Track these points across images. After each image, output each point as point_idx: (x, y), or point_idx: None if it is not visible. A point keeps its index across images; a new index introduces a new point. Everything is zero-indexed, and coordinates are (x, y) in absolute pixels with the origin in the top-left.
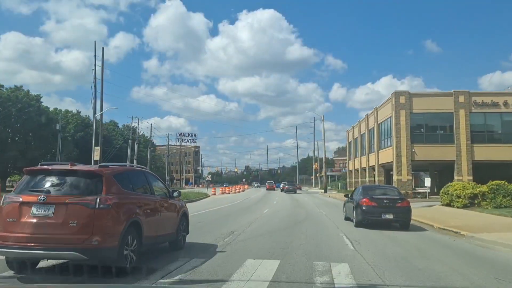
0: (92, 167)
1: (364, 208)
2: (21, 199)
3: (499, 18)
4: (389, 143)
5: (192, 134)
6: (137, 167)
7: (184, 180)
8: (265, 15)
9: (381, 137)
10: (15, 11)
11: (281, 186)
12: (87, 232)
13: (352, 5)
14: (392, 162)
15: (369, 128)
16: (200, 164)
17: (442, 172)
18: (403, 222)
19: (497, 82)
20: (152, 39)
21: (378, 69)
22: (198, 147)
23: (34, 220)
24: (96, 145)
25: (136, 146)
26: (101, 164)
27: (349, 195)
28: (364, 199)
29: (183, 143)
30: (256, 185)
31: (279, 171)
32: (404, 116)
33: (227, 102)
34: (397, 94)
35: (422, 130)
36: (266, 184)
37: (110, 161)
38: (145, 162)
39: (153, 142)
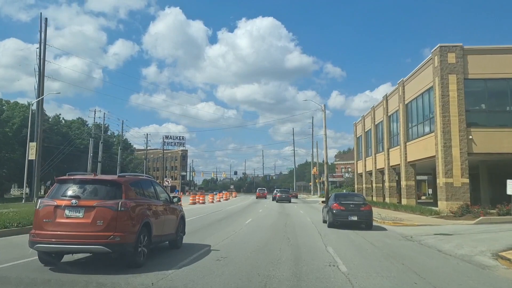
0: (112, 177)
1: (334, 211)
2: (55, 203)
3: (497, 28)
4: (426, 129)
5: (179, 137)
6: (146, 177)
7: (169, 188)
8: (264, 23)
9: (411, 122)
10: (14, 18)
11: (273, 193)
12: (111, 230)
13: (352, 14)
14: (434, 157)
15: (389, 113)
16: (188, 170)
17: (496, 175)
18: (366, 222)
19: None
20: (151, 46)
21: (376, 77)
22: (186, 151)
23: (67, 220)
24: (34, 139)
25: (101, 146)
26: (119, 174)
27: (326, 202)
28: (334, 204)
29: (169, 147)
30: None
31: (273, 177)
32: (456, 83)
33: (226, 109)
34: (444, 50)
35: (482, 105)
36: (257, 191)
37: (64, 161)
38: (123, 166)
39: (130, 143)
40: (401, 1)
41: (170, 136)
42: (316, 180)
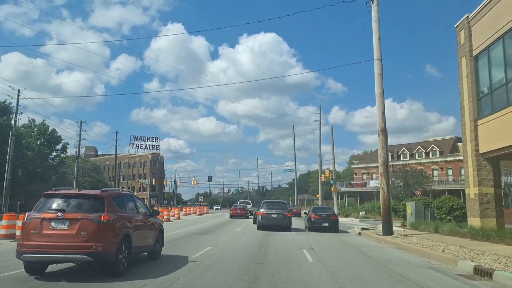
0: (95, 192)
1: (312, 220)
2: (42, 216)
3: None
4: None
5: (152, 138)
6: (127, 191)
7: None
8: (266, 38)
9: None
10: (17, 33)
11: (260, 210)
12: (94, 240)
13: (353, 30)
14: None
15: None
16: (158, 177)
17: None
18: (333, 227)
19: None
20: (153, 61)
21: None
22: (158, 154)
23: (53, 232)
24: None
25: None
26: (102, 189)
27: (307, 213)
28: (312, 214)
29: (139, 150)
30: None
31: (267, 188)
32: None
33: (227, 124)
34: None
35: None
36: (232, 207)
37: None
38: (43, 167)
39: (60, 136)
40: (402, 17)
41: (140, 137)
42: (332, 189)
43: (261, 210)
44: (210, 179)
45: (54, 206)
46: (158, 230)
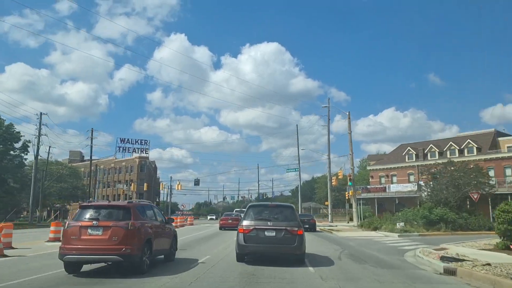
0: (123, 203)
1: None
2: (80, 224)
3: (502, 51)
4: None
5: (140, 140)
6: (147, 202)
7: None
8: (269, 48)
9: None
10: (22, 44)
11: (242, 224)
12: (123, 244)
13: (357, 39)
14: None
15: None
16: (147, 182)
17: None
18: (312, 228)
19: (499, 115)
20: (156, 71)
21: (381, 101)
22: (146, 158)
23: (90, 237)
24: None
25: None
26: (128, 201)
27: None
28: None
29: (127, 155)
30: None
31: (267, 195)
32: None
33: (229, 134)
34: None
35: None
36: (222, 216)
37: None
38: None
39: (19, 133)
40: (405, 26)
41: (127, 140)
42: (350, 193)
43: (245, 223)
44: (197, 182)
45: (90, 215)
46: (173, 236)
